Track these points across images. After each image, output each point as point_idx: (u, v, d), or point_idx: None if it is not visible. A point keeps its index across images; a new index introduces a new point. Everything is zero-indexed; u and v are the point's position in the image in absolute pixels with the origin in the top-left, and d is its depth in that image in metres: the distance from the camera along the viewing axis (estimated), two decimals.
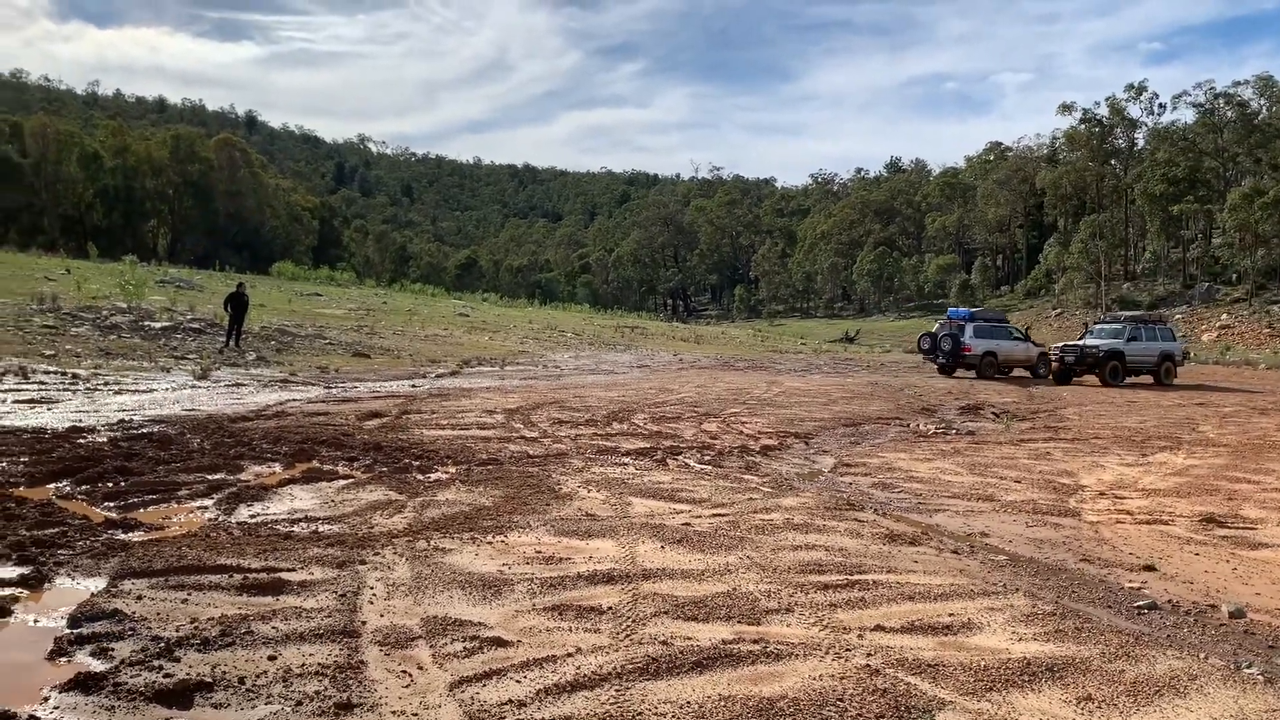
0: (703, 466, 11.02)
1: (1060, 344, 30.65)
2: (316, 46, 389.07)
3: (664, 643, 4.83)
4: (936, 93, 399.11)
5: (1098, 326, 30.78)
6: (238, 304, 24.49)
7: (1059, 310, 73.94)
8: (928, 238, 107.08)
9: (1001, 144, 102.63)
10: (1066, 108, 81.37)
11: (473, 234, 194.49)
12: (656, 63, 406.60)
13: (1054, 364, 29.34)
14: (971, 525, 8.35)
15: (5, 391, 15.48)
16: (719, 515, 8.13)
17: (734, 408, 17.73)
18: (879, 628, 5.25)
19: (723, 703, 4.12)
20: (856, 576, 6.28)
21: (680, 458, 11.60)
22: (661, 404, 17.95)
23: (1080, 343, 29.59)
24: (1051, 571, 6.74)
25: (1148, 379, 29.16)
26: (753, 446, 12.89)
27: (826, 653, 4.80)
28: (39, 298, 27.76)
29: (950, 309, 33.61)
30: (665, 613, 5.35)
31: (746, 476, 10.41)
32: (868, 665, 4.64)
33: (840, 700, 4.19)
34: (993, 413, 19.11)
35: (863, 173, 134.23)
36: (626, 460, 11.19)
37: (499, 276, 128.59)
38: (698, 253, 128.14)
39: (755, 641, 4.92)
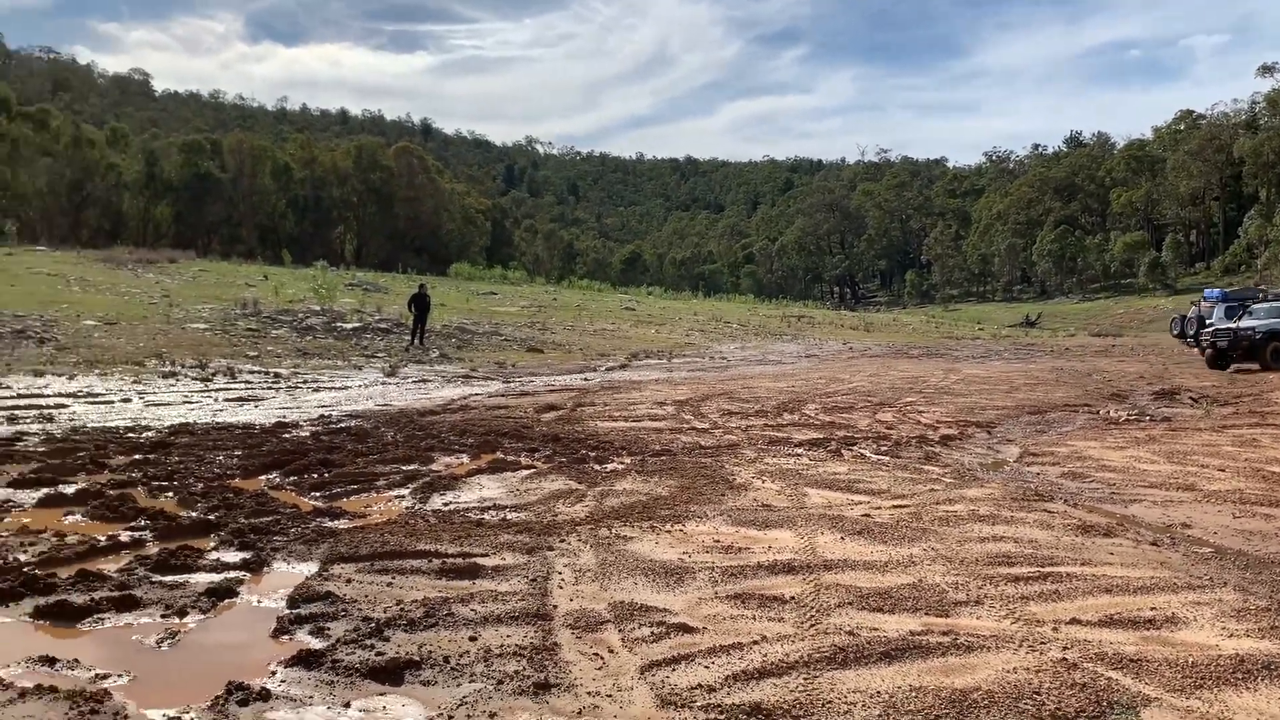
0: (879, 457, 10.83)
1: (1212, 327, 27.69)
2: (486, 53, 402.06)
3: (850, 633, 4.80)
4: (1119, 61, 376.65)
5: (1256, 306, 28.06)
6: (421, 304, 25.66)
7: (1263, 287, 68.57)
8: (1112, 214, 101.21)
9: (1194, 112, 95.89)
10: (1268, 69, 75.38)
11: (636, 229, 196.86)
12: (819, 47, 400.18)
13: (1206, 350, 26.81)
14: (1171, 516, 7.89)
15: (217, 390, 16.76)
16: (899, 506, 7.99)
17: (909, 396, 17.33)
18: (1075, 621, 5.05)
19: (914, 693, 4.07)
20: (1049, 569, 6.06)
21: (855, 448, 11.44)
22: (833, 394, 17.72)
23: (1235, 325, 26.64)
24: (1264, 565, 6.30)
25: None
26: (931, 436, 12.57)
27: (1020, 645, 4.66)
28: (241, 303, 29.89)
29: (1206, 290, 31.15)
30: (849, 603, 5.31)
31: (926, 467, 10.17)
32: (1064, 659, 4.48)
33: (1037, 694, 4.06)
34: (1190, 398, 17.95)
35: (1040, 149, 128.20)
36: (799, 451, 11.12)
37: (663, 270, 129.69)
38: (865, 238, 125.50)
39: (945, 633, 4.82)
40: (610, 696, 4.04)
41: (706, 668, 4.35)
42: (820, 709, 3.91)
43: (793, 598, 5.39)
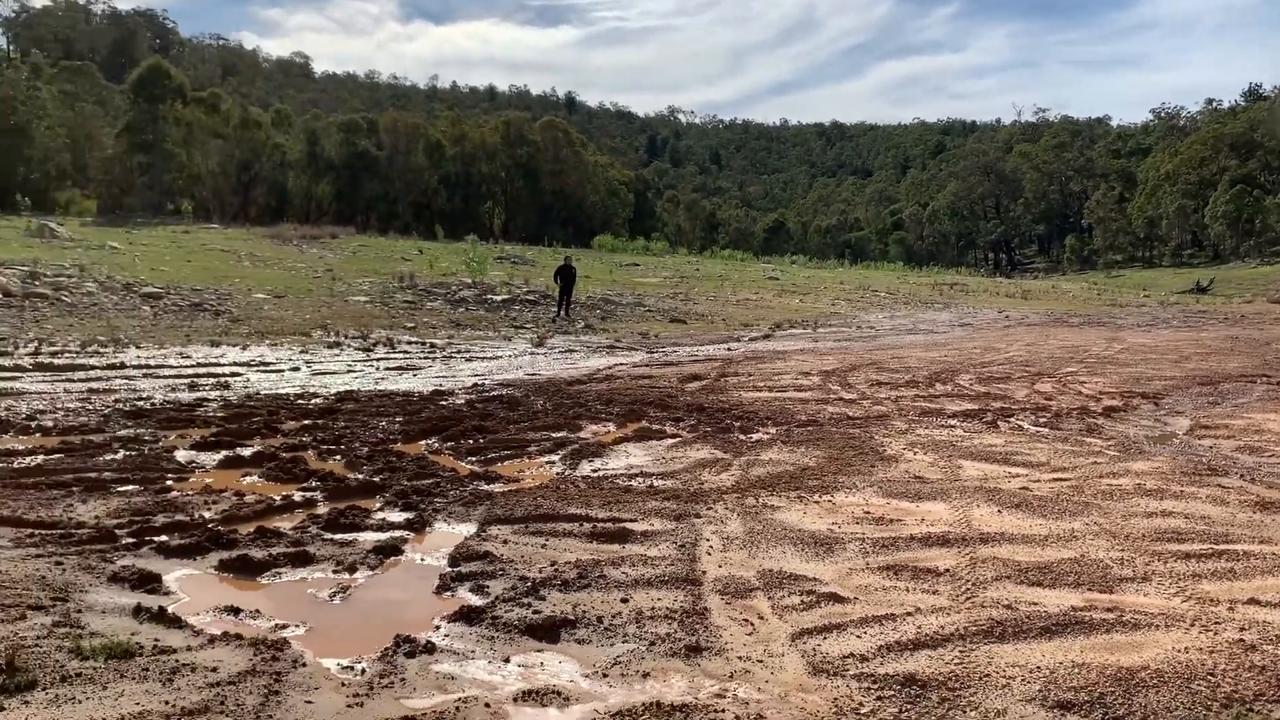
0: (1038, 429, 10.44)
1: None
2: (629, 24, 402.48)
3: (1008, 607, 4.68)
4: None
5: None
6: (566, 276, 26.08)
7: None
8: None
9: None
10: None
11: (780, 197, 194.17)
12: (972, 3, 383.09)
13: None
14: None
15: (378, 360, 17.49)
16: (1060, 480, 7.70)
17: (1070, 366, 16.61)
18: (1253, 601, 4.78)
19: (1076, 670, 3.94)
20: (1223, 546, 5.74)
21: (1012, 419, 11.06)
22: (988, 364, 17.15)
23: None
24: None
25: None
26: (1093, 407, 12.03)
27: (1192, 625, 4.45)
28: (399, 276, 31.05)
29: None
30: (1007, 577, 5.17)
31: (1089, 439, 9.75)
32: (1241, 640, 4.26)
33: (1211, 675, 3.88)
34: None
35: (1214, 104, 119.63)
36: (953, 422, 10.83)
37: (807, 238, 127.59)
38: (1022, 202, 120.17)
39: (1109, 610, 4.64)
40: (761, 662, 4.06)
41: (858, 637, 4.32)
42: (977, 682, 3.84)
43: (947, 570, 5.29)
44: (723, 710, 3.57)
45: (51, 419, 10.18)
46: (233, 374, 14.98)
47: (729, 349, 19.98)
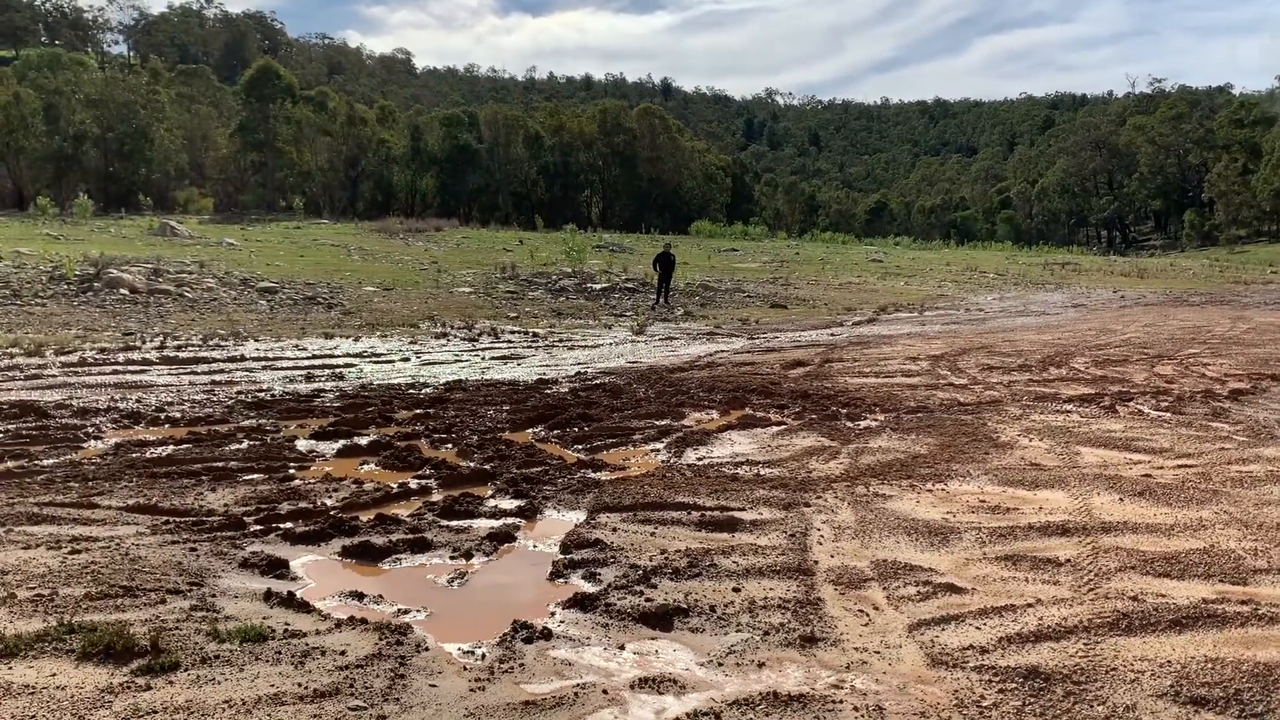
0: (1159, 413, 10.05)
1: None
2: (725, 7, 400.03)
3: (1134, 598, 4.53)
4: None
5: None
6: (665, 263, 26.10)
7: None
8: None
9: None
10: None
11: (881, 177, 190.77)
12: None
13: None
14: None
15: (483, 350, 17.82)
16: (1184, 466, 7.41)
17: (1191, 348, 15.93)
18: None
19: (1209, 665, 3.80)
20: None
21: (1131, 404, 10.67)
22: (1104, 346, 16.57)
23: None
24: None
25: None
26: (1218, 390, 11.53)
27: None
28: (500, 267, 31.55)
29: None
30: (1131, 568, 5.00)
31: (1214, 424, 9.35)
32: None
33: None
34: None
35: None
36: (1069, 407, 10.51)
37: (910, 219, 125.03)
38: (1137, 177, 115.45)
39: (1243, 603, 4.46)
40: (878, 653, 4.02)
41: (978, 629, 4.24)
42: (1104, 675, 3.73)
43: (1068, 560, 5.14)
44: (840, 701, 3.55)
45: (179, 410, 10.66)
46: (346, 365, 15.45)
47: (832, 334, 19.74)
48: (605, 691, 3.67)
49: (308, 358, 16.52)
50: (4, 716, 3.38)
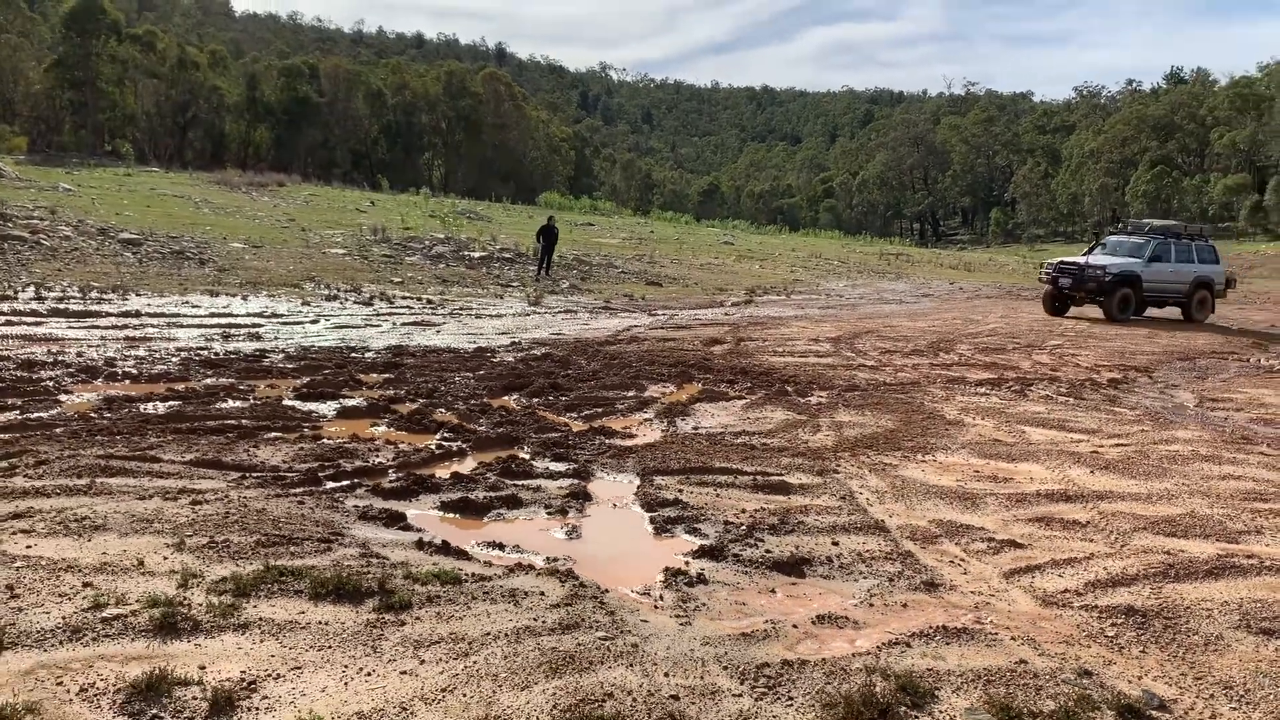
0: (1064, 398, 11.31)
1: (1056, 260, 23.63)
2: None
3: (1166, 553, 5.42)
4: None
5: (1113, 239, 23.74)
6: (549, 235, 26.35)
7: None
8: (1212, 155, 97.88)
9: None
10: None
11: (711, 160, 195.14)
12: None
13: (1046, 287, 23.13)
14: None
15: (386, 314, 17.71)
16: (1121, 445, 8.52)
17: (1053, 340, 17.65)
18: None
19: (1257, 604, 4.68)
20: None
21: (1034, 389, 11.92)
22: (976, 335, 18.11)
23: (1082, 260, 22.45)
24: None
25: (1173, 312, 23.15)
26: (1098, 379, 12.99)
27: None
28: (371, 229, 30.91)
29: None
30: (1142, 529, 5.91)
31: (1116, 409, 10.64)
32: None
33: None
34: None
35: (1135, 84, 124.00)
36: (983, 390, 11.64)
37: (740, 203, 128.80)
38: (950, 174, 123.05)
39: (1248, 558, 5.41)
40: (994, 595, 4.71)
41: (1060, 577, 5.01)
42: (1184, 613, 4.55)
43: (1088, 522, 6.01)
44: (996, 634, 4.21)
45: (130, 366, 10.33)
46: (254, 325, 15.09)
47: (726, 314, 20.62)
48: (795, 626, 4.19)
49: (206, 315, 16.03)
50: (298, 645, 3.60)
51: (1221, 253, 25.36)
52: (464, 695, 3.33)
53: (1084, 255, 23.53)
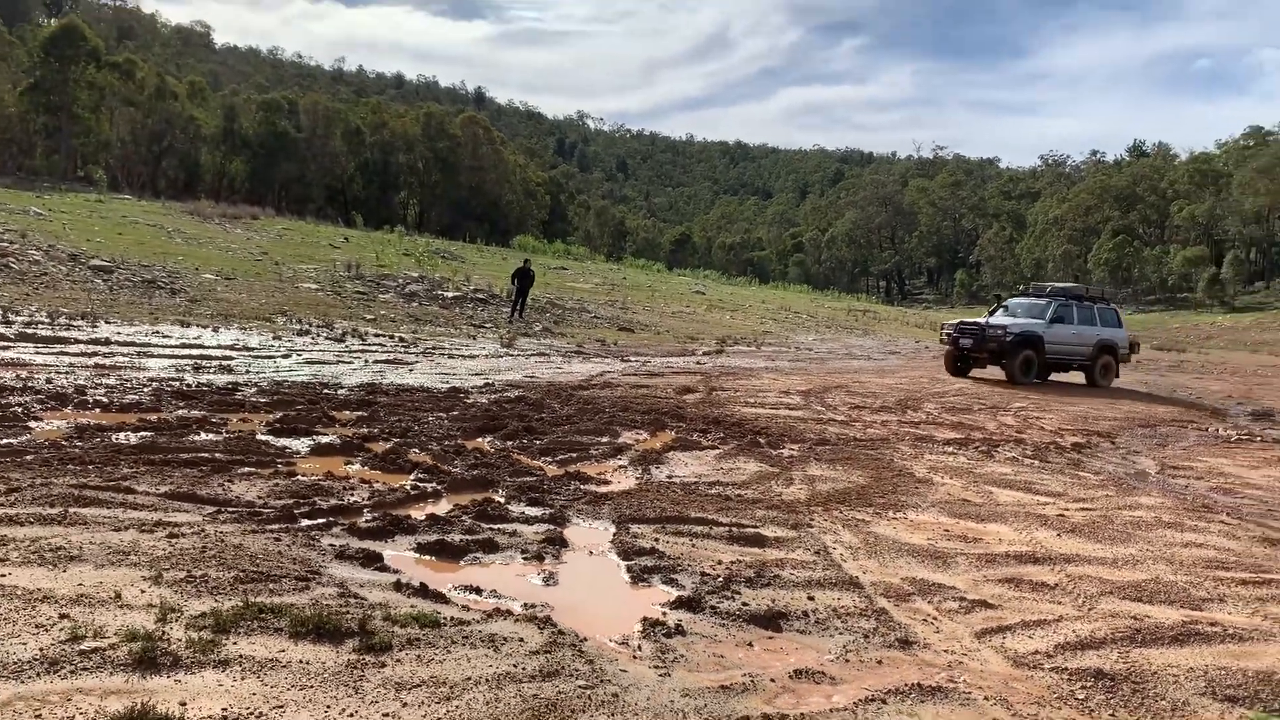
0: (1030, 460, 11.48)
1: (956, 321, 23.20)
2: (545, 25, 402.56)
3: (1133, 617, 5.51)
4: (1185, 71, 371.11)
5: (1014, 300, 23.47)
6: (524, 278, 26.48)
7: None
8: (1171, 227, 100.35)
9: (1263, 128, 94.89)
10: None
11: (684, 210, 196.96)
12: (880, 39, 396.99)
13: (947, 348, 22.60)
14: None
15: (359, 351, 17.67)
16: (1087, 509, 8.66)
17: (1018, 401, 17.91)
18: None
19: (1222, 672, 4.77)
20: (1264, 575, 6.72)
21: (1000, 450, 12.09)
22: (942, 394, 18.34)
23: (982, 321, 22.00)
24: None
25: (1077, 377, 22.78)
26: (1062, 442, 13.19)
27: None
28: (346, 265, 30.87)
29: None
30: (1110, 593, 6.01)
31: (1080, 473, 10.81)
32: None
33: None
34: None
35: (1098, 155, 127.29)
36: (950, 449, 11.79)
37: (711, 254, 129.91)
38: (917, 235, 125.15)
39: (1211, 624, 5.52)
40: (967, 654, 4.78)
41: (1030, 638, 5.08)
42: (1152, 678, 4.63)
43: (1056, 584, 6.11)
44: (969, 693, 4.27)
45: (100, 394, 10.24)
46: (225, 357, 15.02)
47: (698, 363, 20.76)
48: (773, 680, 4.23)
49: (178, 346, 15.94)
50: (280, 683, 3.58)
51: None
52: None
53: (986, 316, 23.06)
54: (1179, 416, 17.84)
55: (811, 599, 5.40)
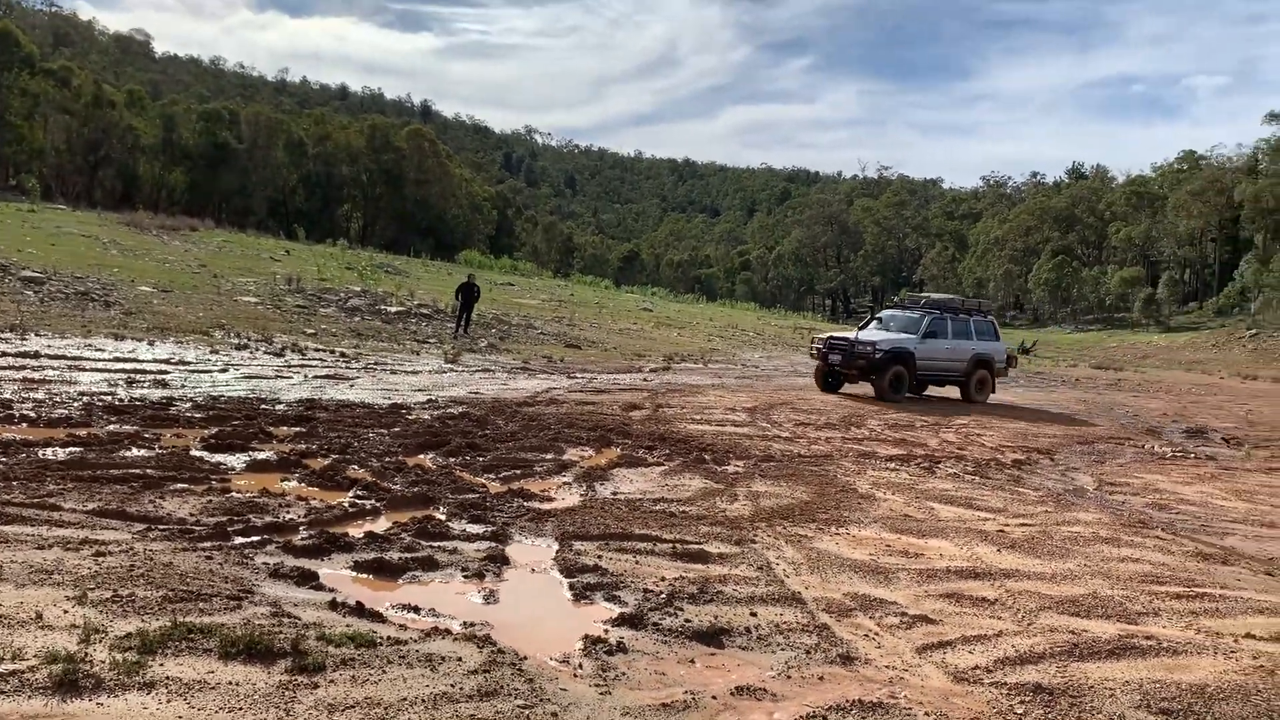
0: (971, 476, 11.62)
1: (826, 335, 22.42)
2: (492, 39, 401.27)
3: (1071, 632, 5.57)
4: (1122, 95, 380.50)
5: (888, 314, 22.68)
6: (469, 294, 26.26)
7: (1254, 331, 70.13)
8: (1109, 248, 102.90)
9: (1195, 153, 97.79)
10: (1276, 116, 76.85)
11: (632, 227, 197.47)
12: (827, 59, 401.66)
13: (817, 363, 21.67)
14: (1268, 549, 8.71)
15: (299, 366, 17.37)
16: (1026, 525, 8.78)
17: (959, 419, 18.15)
18: (1249, 635, 5.83)
19: (1157, 686, 4.84)
20: (1196, 589, 6.85)
21: (941, 466, 12.22)
22: (884, 410, 18.52)
23: (853, 335, 21.22)
24: None
25: (952, 392, 22.15)
26: (1002, 459, 13.38)
27: (1216, 653, 5.45)
28: (286, 279, 30.39)
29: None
30: (1048, 608, 6.08)
31: (1019, 489, 10.97)
32: (1260, 665, 5.27)
33: (1260, 691, 4.84)
34: (1221, 438, 18.88)
35: (1038, 177, 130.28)
36: (893, 465, 11.89)
37: (659, 270, 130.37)
38: (862, 254, 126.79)
39: (1147, 638, 5.60)
40: (908, 670, 4.78)
41: (970, 653, 5.11)
42: (1089, 692, 4.68)
43: (996, 600, 6.16)
44: (910, 709, 4.27)
45: (27, 409, 9.93)
46: (160, 371, 14.68)
47: (645, 379, 20.73)
48: (715, 697, 4.19)
49: (110, 360, 15.54)
50: (207, 706, 3.46)
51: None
52: None
53: (858, 329, 22.39)
54: (1116, 434, 18.19)
55: (754, 615, 5.38)
